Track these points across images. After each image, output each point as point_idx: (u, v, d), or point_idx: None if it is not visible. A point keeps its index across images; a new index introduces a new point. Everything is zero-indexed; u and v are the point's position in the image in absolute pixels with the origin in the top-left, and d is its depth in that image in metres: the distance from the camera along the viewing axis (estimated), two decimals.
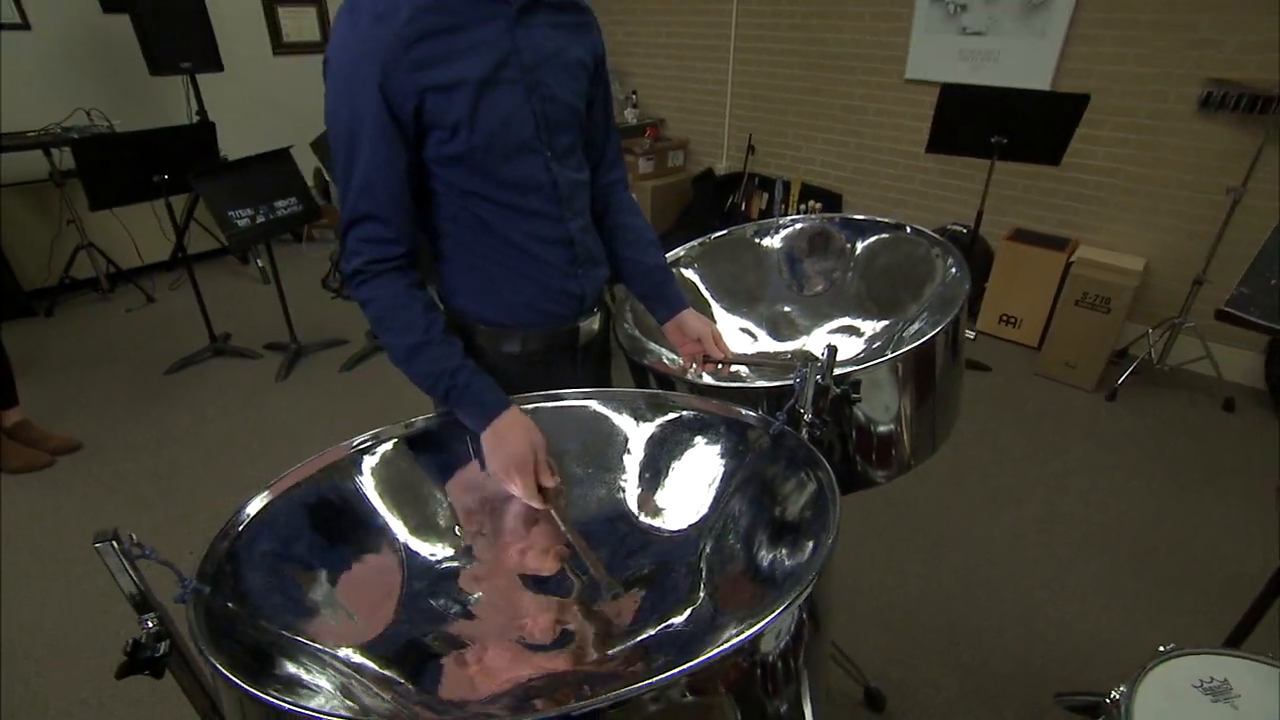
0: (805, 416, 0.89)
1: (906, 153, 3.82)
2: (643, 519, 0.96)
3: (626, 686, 0.49)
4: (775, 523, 0.81)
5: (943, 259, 1.29)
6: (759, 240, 1.48)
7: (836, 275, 1.43)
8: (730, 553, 0.84)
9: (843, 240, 1.43)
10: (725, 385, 1.07)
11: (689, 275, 1.45)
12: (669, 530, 0.93)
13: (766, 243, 1.48)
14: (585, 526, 0.94)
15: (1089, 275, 2.98)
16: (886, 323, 1.35)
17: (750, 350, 1.43)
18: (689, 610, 0.80)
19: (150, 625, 0.60)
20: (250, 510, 0.77)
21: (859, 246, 1.42)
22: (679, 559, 0.88)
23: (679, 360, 1.28)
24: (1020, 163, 2.99)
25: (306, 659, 0.68)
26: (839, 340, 1.36)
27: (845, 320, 1.40)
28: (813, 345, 1.39)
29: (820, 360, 0.89)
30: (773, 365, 1.29)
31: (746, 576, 0.80)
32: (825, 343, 1.15)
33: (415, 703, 0.71)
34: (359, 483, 0.91)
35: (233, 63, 3.95)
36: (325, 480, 0.88)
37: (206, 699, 0.66)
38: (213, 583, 0.66)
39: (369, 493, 0.91)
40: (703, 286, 1.45)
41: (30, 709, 1.67)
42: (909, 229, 1.37)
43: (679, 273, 1.44)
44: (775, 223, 1.48)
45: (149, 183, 2.89)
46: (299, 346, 3.31)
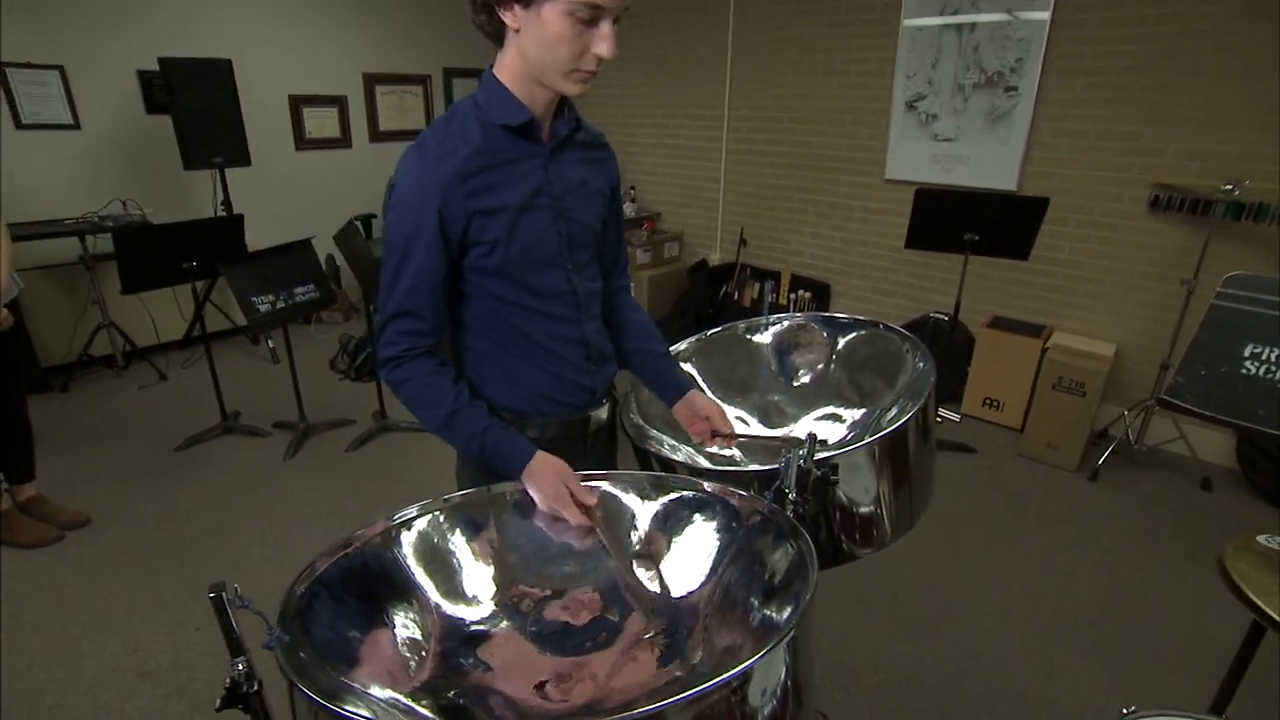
0: (790, 496, 1.01)
1: (890, 246, 4.04)
2: (649, 585, 1.06)
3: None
4: (765, 586, 0.92)
5: (912, 354, 1.43)
6: (750, 336, 1.63)
7: (820, 367, 1.57)
8: (726, 614, 0.94)
9: (825, 336, 1.58)
10: (721, 469, 1.19)
11: (688, 368, 1.58)
12: (674, 597, 1.03)
13: (757, 338, 1.63)
14: (602, 594, 1.04)
15: (1063, 360, 3.15)
16: (865, 410, 1.48)
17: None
18: (690, 666, 0.90)
19: (241, 667, 0.70)
20: (319, 567, 0.88)
21: (840, 341, 1.56)
22: (681, 623, 0.98)
23: (680, 446, 1.41)
24: (992, 257, 3.21)
25: (367, 703, 0.78)
26: (824, 427, 1.48)
27: (829, 409, 1.52)
28: (800, 432, 1.51)
29: (803, 445, 1.02)
30: (763, 449, 1.41)
31: (741, 631, 0.90)
32: (811, 430, 1.29)
33: None
34: (405, 551, 1.01)
35: (258, 157, 4.25)
36: (374, 546, 0.98)
37: None
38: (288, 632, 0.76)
39: (408, 561, 1.01)
40: (700, 378, 1.59)
41: None
42: (882, 326, 1.53)
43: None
44: (765, 320, 1.64)
45: (179, 269, 3.07)
46: (307, 425, 3.39)
